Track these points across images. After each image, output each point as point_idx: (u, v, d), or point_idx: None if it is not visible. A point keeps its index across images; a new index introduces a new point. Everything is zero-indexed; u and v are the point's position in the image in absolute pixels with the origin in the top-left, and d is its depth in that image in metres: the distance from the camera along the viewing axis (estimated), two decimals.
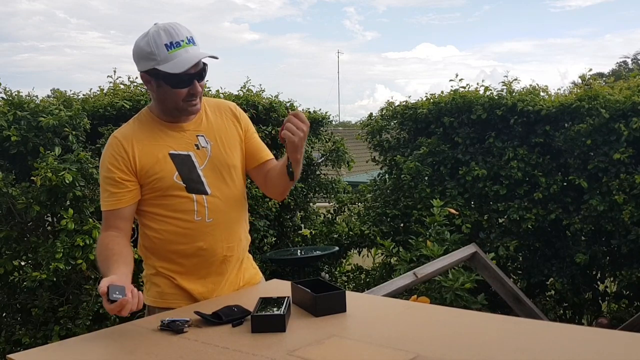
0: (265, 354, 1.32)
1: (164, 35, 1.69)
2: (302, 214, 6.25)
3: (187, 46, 1.70)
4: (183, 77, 1.71)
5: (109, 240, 1.74)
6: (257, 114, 5.40)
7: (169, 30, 1.70)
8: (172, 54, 1.69)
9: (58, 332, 3.96)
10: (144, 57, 1.73)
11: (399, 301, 1.95)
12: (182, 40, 1.70)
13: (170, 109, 1.80)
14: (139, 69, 1.78)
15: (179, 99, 1.76)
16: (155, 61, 1.71)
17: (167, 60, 1.69)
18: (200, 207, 1.80)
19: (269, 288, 1.95)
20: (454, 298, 3.68)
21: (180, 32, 1.71)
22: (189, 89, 1.74)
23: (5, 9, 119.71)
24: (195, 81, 1.75)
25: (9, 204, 3.99)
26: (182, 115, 1.82)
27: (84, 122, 4.39)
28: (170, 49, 1.69)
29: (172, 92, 1.75)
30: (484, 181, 5.29)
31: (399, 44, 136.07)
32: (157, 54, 1.69)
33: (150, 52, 1.71)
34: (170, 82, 1.73)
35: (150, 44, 1.70)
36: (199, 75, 1.75)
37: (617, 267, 5.14)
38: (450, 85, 5.79)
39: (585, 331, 1.53)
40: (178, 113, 1.81)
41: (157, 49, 1.69)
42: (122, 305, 1.47)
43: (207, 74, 1.81)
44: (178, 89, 1.74)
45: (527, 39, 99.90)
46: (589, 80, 5.29)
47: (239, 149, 1.91)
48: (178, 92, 1.74)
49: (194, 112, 1.82)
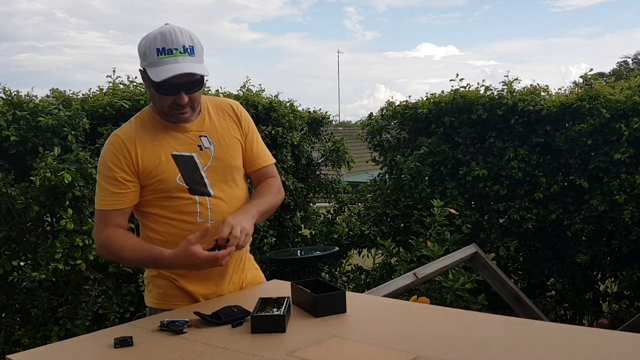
0: (265, 355, 1.31)
1: (159, 39, 1.67)
2: (302, 214, 6.24)
3: (180, 56, 1.66)
4: (168, 85, 1.68)
5: (128, 236, 1.78)
6: (257, 113, 5.40)
7: (166, 35, 1.67)
8: (160, 60, 1.66)
9: (57, 332, 3.95)
10: (140, 55, 1.73)
11: (399, 302, 1.95)
12: (177, 48, 1.66)
13: (158, 111, 1.80)
14: (140, 67, 1.78)
15: (165, 105, 1.74)
16: (145, 62, 1.70)
17: (154, 65, 1.67)
18: (203, 208, 1.78)
19: (268, 288, 1.94)
20: (454, 298, 3.67)
21: (177, 39, 1.66)
22: (175, 98, 1.71)
23: (5, 9, 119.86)
24: (182, 92, 1.70)
25: (8, 204, 3.99)
26: (170, 121, 1.79)
27: (83, 122, 4.38)
28: (160, 55, 1.66)
29: (157, 97, 1.74)
30: (484, 181, 5.28)
31: (399, 43, 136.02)
32: (148, 56, 1.68)
33: (144, 52, 1.70)
34: (155, 87, 1.71)
35: (146, 45, 1.70)
36: (189, 87, 1.71)
37: (617, 268, 5.13)
38: (451, 85, 5.79)
39: (586, 332, 1.53)
40: (166, 117, 1.79)
41: (149, 51, 1.68)
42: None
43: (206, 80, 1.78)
44: (163, 95, 1.72)
45: (528, 39, 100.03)
46: (589, 80, 5.28)
47: (240, 149, 1.90)
48: (163, 98, 1.73)
49: (183, 120, 1.79)
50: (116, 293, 4.19)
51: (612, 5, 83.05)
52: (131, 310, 4.16)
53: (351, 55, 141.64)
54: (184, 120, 1.79)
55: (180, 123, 1.80)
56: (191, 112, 1.78)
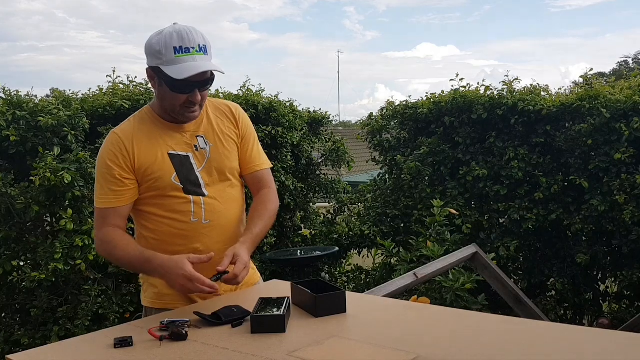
0: (265, 355, 1.31)
1: (176, 37, 1.68)
2: (302, 214, 6.24)
3: (197, 54, 1.69)
4: (184, 84, 1.70)
5: (125, 237, 1.79)
6: (257, 113, 5.40)
7: (182, 34, 1.69)
8: (179, 59, 1.68)
9: (57, 332, 3.95)
10: (152, 54, 1.73)
11: (399, 302, 1.95)
12: (193, 47, 1.69)
13: (168, 109, 1.80)
14: (147, 64, 1.78)
15: (177, 104, 1.75)
16: (160, 61, 1.70)
17: (172, 64, 1.68)
18: (197, 208, 1.79)
19: (268, 288, 1.94)
20: (455, 298, 3.67)
21: (193, 38, 1.69)
22: (188, 96, 1.73)
23: (5, 9, 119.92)
24: (196, 90, 1.73)
25: (7, 204, 3.99)
26: (179, 119, 1.81)
27: (83, 121, 4.38)
28: (177, 53, 1.68)
29: (171, 95, 1.74)
30: (484, 181, 5.28)
31: (399, 43, 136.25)
32: (164, 55, 1.69)
33: (158, 50, 1.70)
34: (170, 85, 1.72)
35: (161, 43, 1.70)
36: (202, 85, 1.74)
37: (618, 268, 5.13)
38: (451, 85, 5.78)
39: (586, 332, 1.52)
40: (175, 116, 1.80)
41: (166, 49, 1.69)
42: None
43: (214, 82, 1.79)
44: (177, 94, 1.73)
45: (528, 39, 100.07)
46: (590, 80, 5.28)
47: (236, 151, 1.91)
48: (177, 97, 1.74)
49: (191, 118, 1.81)
50: (116, 293, 4.19)
51: (612, 5, 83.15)
52: (131, 310, 4.16)
53: (351, 55, 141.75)
54: (193, 118, 1.81)
55: (188, 122, 1.82)
56: (199, 111, 1.81)
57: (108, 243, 1.76)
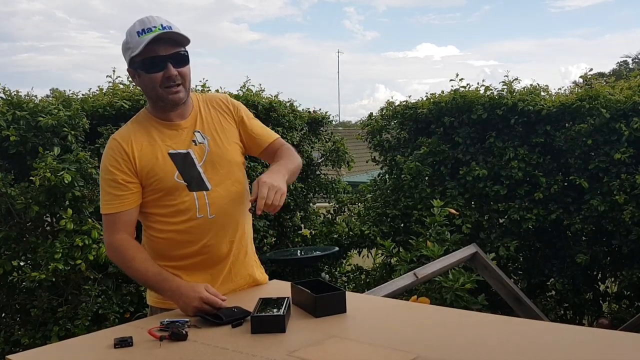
0: (265, 355, 1.31)
1: (138, 24, 1.73)
2: (302, 214, 6.23)
3: (160, 31, 1.71)
4: (155, 61, 1.72)
5: (142, 250, 1.79)
6: (257, 113, 5.39)
7: (143, 19, 1.74)
8: (142, 39, 1.70)
9: (57, 332, 3.95)
10: (124, 50, 1.77)
11: (399, 302, 1.95)
12: (155, 26, 1.71)
13: (154, 99, 1.80)
14: (127, 67, 1.80)
15: (157, 85, 1.75)
16: (130, 50, 1.73)
17: (137, 46, 1.71)
18: (201, 203, 1.79)
19: (268, 288, 1.94)
20: (454, 298, 3.67)
21: (154, 20, 1.73)
22: (164, 72, 1.73)
23: (5, 9, 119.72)
24: (169, 64, 1.73)
25: (7, 204, 3.99)
26: (167, 104, 1.79)
27: (83, 122, 4.38)
28: (141, 35, 1.70)
29: (148, 79, 1.75)
30: (484, 181, 5.28)
31: (399, 44, 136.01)
32: (131, 42, 1.73)
33: (126, 42, 1.75)
34: (144, 67, 1.74)
35: (127, 35, 1.75)
36: (174, 59, 1.74)
37: (617, 268, 5.14)
38: (451, 85, 5.79)
39: (586, 332, 1.52)
40: (162, 103, 1.79)
41: (131, 37, 1.73)
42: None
43: (190, 61, 1.79)
44: (152, 74, 1.74)
45: (527, 39, 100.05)
46: (589, 80, 5.28)
47: (236, 141, 1.91)
48: (154, 77, 1.74)
49: (177, 100, 1.78)
50: (116, 293, 4.19)
51: (612, 5, 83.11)
52: (131, 310, 4.16)
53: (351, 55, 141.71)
54: (179, 100, 1.78)
55: (176, 104, 1.79)
56: (184, 91, 1.79)
57: (125, 252, 1.75)
